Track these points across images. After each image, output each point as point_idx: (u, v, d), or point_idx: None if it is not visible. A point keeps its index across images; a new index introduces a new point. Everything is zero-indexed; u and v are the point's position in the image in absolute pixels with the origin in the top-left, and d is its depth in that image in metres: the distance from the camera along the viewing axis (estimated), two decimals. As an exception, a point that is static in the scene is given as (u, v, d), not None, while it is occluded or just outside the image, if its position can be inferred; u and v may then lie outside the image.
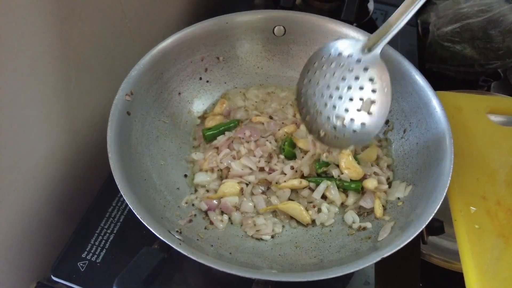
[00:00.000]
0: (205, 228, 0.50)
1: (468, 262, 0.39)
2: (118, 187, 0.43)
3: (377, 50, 0.48)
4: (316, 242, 0.49)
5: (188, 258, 0.39)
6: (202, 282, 0.48)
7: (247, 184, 0.53)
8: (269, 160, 0.55)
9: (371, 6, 0.87)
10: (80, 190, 0.61)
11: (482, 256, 0.39)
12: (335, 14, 0.73)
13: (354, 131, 0.49)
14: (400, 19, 0.46)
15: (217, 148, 0.56)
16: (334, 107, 0.49)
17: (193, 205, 0.52)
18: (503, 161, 0.46)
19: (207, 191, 0.53)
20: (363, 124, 0.48)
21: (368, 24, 0.83)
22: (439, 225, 0.50)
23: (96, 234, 0.56)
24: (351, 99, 0.48)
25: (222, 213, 0.52)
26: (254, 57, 0.66)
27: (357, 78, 0.48)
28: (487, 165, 0.46)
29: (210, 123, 0.59)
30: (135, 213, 0.40)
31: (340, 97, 0.49)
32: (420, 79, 0.54)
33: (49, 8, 0.46)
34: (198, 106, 0.63)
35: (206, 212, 0.52)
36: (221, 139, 0.57)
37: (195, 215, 0.51)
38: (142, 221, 0.40)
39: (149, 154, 0.53)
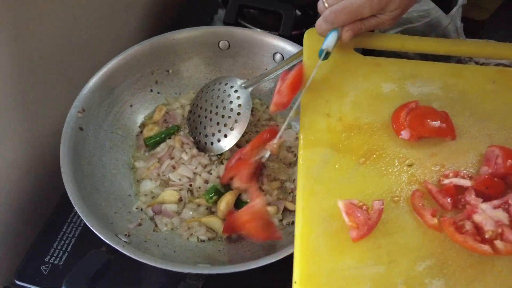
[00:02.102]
0: (154, 230, 0.56)
1: (300, 167, 0.44)
2: (70, 198, 0.48)
3: (250, 89, 0.63)
4: (252, 237, 0.56)
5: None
6: (148, 277, 0.54)
7: (188, 190, 0.59)
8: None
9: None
10: (43, 197, 0.65)
11: (312, 160, 0.44)
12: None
13: (219, 140, 0.61)
14: (271, 74, 0.62)
15: (159, 158, 0.62)
16: (211, 120, 0.63)
17: (141, 210, 0.58)
18: (355, 85, 0.51)
19: (153, 197, 0.59)
20: (225, 136, 0.61)
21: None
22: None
23: (58, 239, 0.60)
24: (222, 116, 0.62)
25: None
26: (202, 68, 0.71)
27: (231, 102, 0.62)
28: (340, 88, 0.50)
29: (148, 132, 0.65)
30: (84, 220, 0.46)
31: (217, 113, 0.62)
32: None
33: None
34: (150, 116, 0.68)
35: (153, 216, 0.57)
36: (163, 147, 0.63)
37: (145, 218, 0.57)
38: (91, 227, 0.45)
39: (102, 165, 0.58)
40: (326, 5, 0.48)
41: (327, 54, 0.48)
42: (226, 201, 0.56)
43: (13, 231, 0.61)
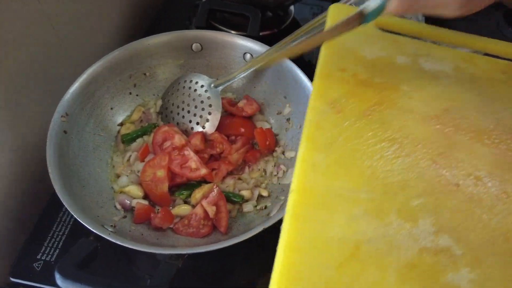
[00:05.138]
0: (138, 222, 0.60)
1: (307, 115, 0.45)
2: (58, 194, 0.52)
3: (219, 88, 0.68)
4: (229, 222, 0.60)
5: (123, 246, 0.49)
6: (134, 263, 0.58)
7: None
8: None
9: (291, 10, 0.98)
10: (32, 200, 0.67)
11: (320, 106, 0.45)
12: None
13: None
14: (239, 74, 0.68)
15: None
16: (183, 117, 0.68)
17: (125, 205, 0.62)
18: (372, 52, 0.53)
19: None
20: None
21: (290, 26, 0.93)
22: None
23: (49, 237, 0.63)
24: (194, 115, 0.67)
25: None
26: (178, 70, 0.75)
27: (202, 102, 0.67)
28: (358, 52, 0.53)
29: (125, 131, 0.68)
30: (72, 213, 0.50)
31: (188, 111, 0.67)
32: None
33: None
34: (130, 117, 0.72)
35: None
36: (139, 142, 0.67)
37: (130, 211, 0.61)
38: (78, 219, 0.49)
39: (87, 164, 0.62)
40: None
41: (367, 17, 0.41)
42: (202, 192, 0.61)
43: (5, 232, 0.64)
